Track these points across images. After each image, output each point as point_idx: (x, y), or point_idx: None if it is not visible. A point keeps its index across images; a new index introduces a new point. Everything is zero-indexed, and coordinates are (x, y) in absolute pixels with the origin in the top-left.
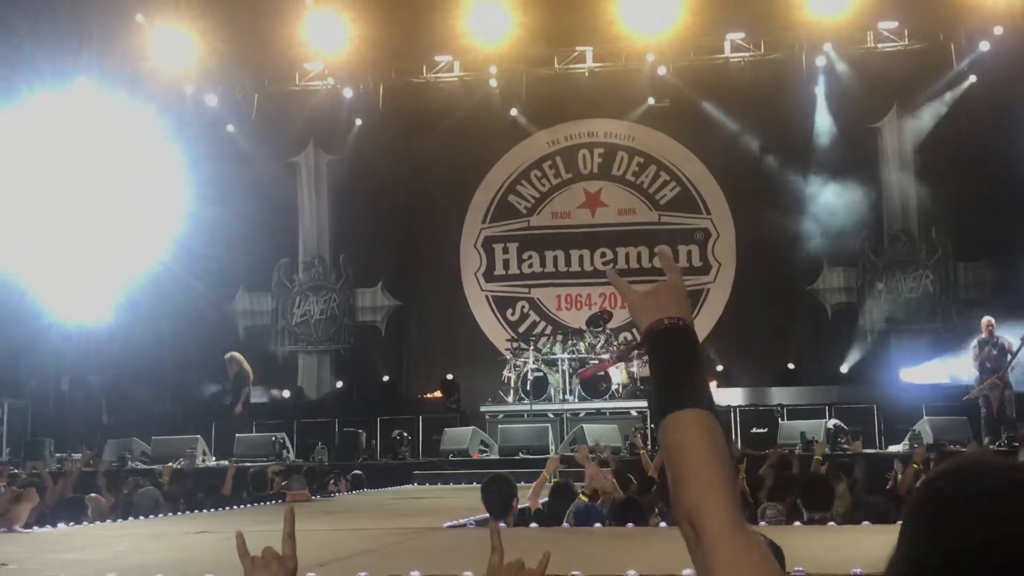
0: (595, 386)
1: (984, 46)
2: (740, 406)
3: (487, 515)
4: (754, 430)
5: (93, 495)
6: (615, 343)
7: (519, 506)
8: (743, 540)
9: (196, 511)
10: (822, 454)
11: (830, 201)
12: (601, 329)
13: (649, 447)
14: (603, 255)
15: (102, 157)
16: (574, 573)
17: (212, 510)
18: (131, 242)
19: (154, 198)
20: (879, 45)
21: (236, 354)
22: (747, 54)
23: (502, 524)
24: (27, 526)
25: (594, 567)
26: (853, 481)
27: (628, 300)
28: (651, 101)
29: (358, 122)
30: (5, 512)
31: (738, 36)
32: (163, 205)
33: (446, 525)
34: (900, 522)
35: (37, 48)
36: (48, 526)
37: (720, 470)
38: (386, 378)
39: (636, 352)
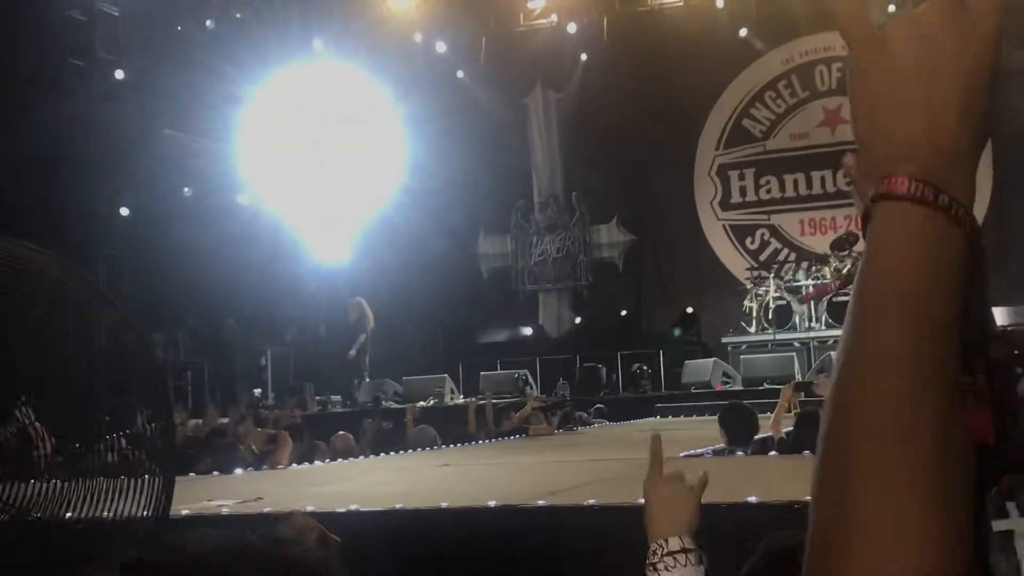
0: (842, 312)
1: None
2: (1001, 327)
3: (724, 445)
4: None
5: (341, 432)
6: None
7: (761, 435)
8: None
9: (446, 446)
10: None
11: None
12: (847, 252)
13: None
14: (846, 175)
15: (343, 113)
16: (808, 498)
17: (458, 445)
18: (375, 193)
19: (393, 148)
20: None
21: (361, 299)
22: None
23: (739, 452)
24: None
25: None
26: None
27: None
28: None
29: (583, 57)
30: (268, 454)
31: None
32: (401, 154)
33: (682, 455)
34: None
35: (277, 12)
36: (306, 463)
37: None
38: (624, 313)
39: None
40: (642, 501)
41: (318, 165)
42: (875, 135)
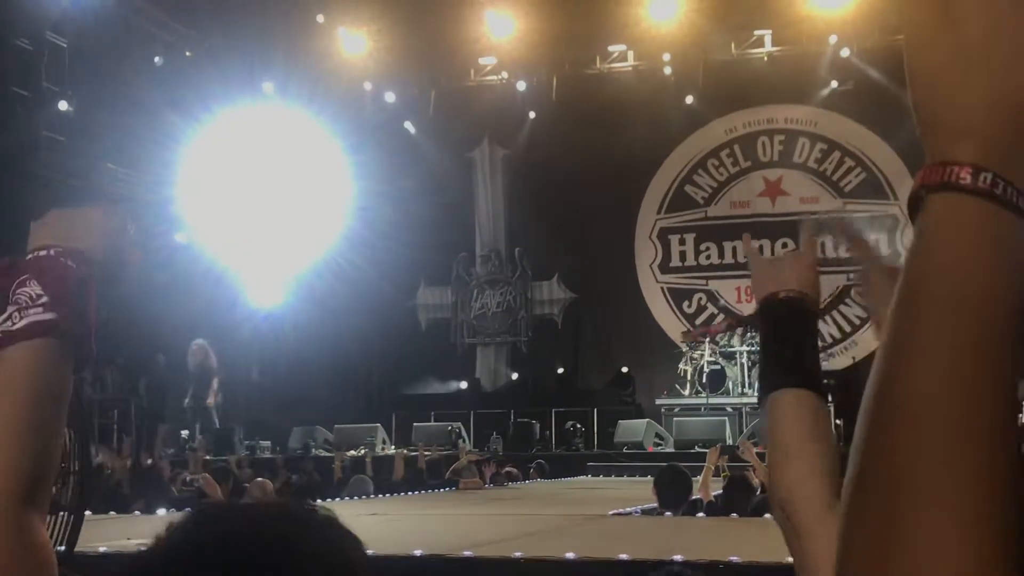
0: None
1: None
2: None
3: (654, 505)
4: None
5: (259, 479)
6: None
7: (691, 498)
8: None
9: (374, 496)
10: None
11: None
12: None
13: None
14: (784, 245)
15: (289, 156)
16: (732, 558)
17: (387, 495)
18: (312, 239)
19: (335, 195)
20: None
21: (204, 343)
22: None
23: (668, 513)
24: None
25: (756, 554)
26: None
27: (752, 268)
28: (834, 84)
29: (531, 115)
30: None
31: None
32: (344, 202)
33: (611, 513)
34: None
35: (228, 52)
36: None
37: (819, 454)
38: (561, 370)
39: (750, 324)
40: (570, 555)
41: (260, 207)
42: (934, 102)
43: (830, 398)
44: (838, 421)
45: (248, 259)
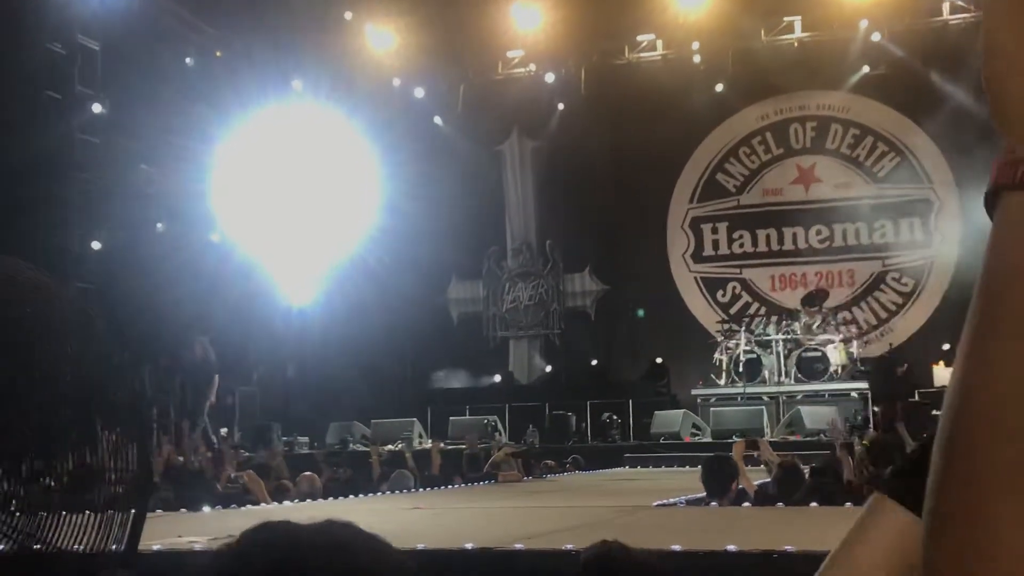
0: (812, 367)
1: None
2: None
3: (699, 495)
4: None
5: (308, 473)
6: (832, 322)
7: (738, 487)
8: None
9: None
10: None
11: None
12: (817, 308)
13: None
14: (818, 232)
15: (319, 154)
16: (787, 547)
17: (427, 489)
18: (345, 235)
19: (366, 191)
20: None
21: (204, 340)
22: (968, 15)
23: (714, 503)
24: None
25: (806, 543)
26: None
27: None
28: (866, 69)
29: (560, 107)
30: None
31: None
32: (375, 198)
33: (655, 504)
34: None
35: (258, 52)
36: (275, 503)
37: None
38: (595, 362)
39: None
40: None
41: (292, 205)
42: (1008, 94)
43: (867, 384)
44: (875, 408)
45: (280, 257)
